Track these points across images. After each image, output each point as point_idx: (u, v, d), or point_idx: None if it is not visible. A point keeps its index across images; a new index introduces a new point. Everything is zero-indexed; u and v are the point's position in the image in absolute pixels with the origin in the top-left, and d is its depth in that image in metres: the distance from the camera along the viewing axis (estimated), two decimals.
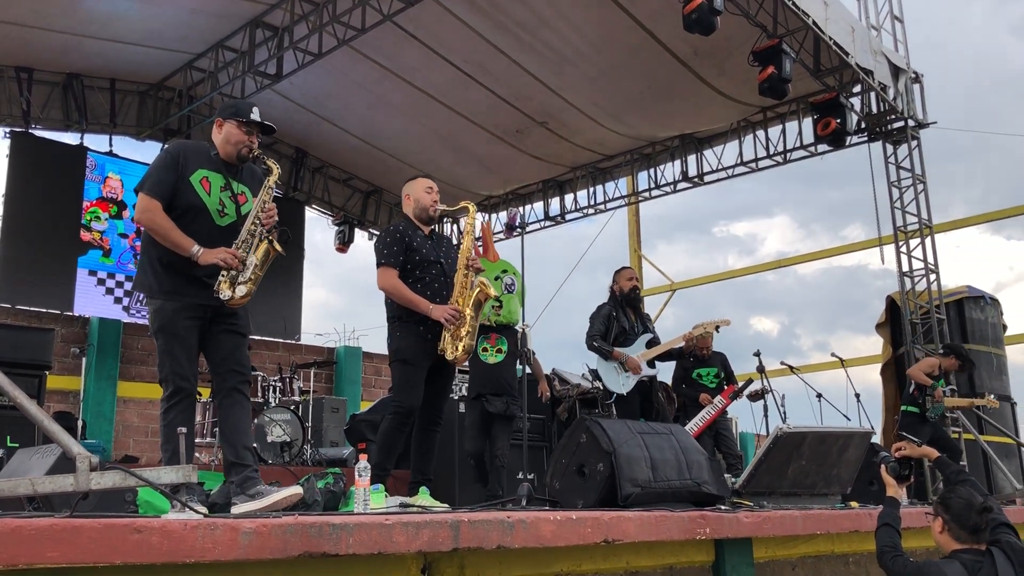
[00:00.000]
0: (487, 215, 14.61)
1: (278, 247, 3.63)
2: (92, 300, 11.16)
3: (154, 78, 11.50)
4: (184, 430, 2.66)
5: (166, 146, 3.97)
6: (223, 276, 3.54)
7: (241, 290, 3.56)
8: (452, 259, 4.81)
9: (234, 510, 2.61)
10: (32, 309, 10.75)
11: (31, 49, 10.37)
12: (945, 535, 3.43)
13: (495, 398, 6.01)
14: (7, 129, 11.01)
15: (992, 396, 8.36)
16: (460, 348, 4.49)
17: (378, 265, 4.66)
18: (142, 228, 3.72)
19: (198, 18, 9.93)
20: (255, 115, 3.78)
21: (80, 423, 8.60)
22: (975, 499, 3.42)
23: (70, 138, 11.62)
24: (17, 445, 4.96)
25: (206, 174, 3.70)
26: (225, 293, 3.53)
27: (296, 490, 3.42)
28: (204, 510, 2.39)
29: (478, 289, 4.54)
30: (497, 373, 6.06)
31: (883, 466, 4.05)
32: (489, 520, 3.03)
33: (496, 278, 6.29)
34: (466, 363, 5.26)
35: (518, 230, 6.78)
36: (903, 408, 7.84)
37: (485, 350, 6.02)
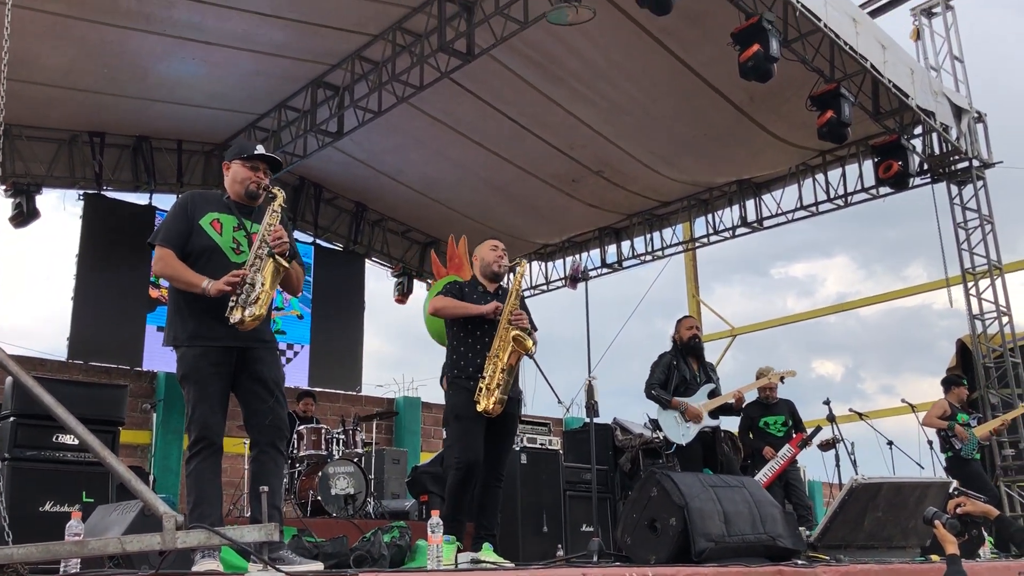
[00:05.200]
0: (544, 263, 14.68)
1: (283, 262, 3.58)
2: (160, 356, 11.42)
3: (219, 138, 11.86)
4: (266, 489, 2.68)
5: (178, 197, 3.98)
6: (232, 302, 3.51)
7: (251, 311, 3.49)
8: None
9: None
10: (103, 365, 11.05)
11: (104, 114, 10.79)
12: None
13: None
14: (81, 192, 11.43)
15: None
16: (492, 400, 4.56)
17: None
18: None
19: (262, 80, 10.25)
20: (259, 150, 3.81)
21: (151, 478, 8.74)
22: None
23: (139, 198, 12.02)
24: (92, 500, 5.05)
25: (216, 216, 3.72)
26: (235, 316, 3.49)
27: (317, 566, 3.37)
28: (289, 568, 2.40)
29: (511, 347, 4.61)
30: None
31: (937, 522, 3.88)
32: None
33: None
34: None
35: (580, 281, 6.82)
36: (945, 455, 7.72)
37: None
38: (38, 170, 11.01)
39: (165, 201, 12.19)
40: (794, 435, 7.77)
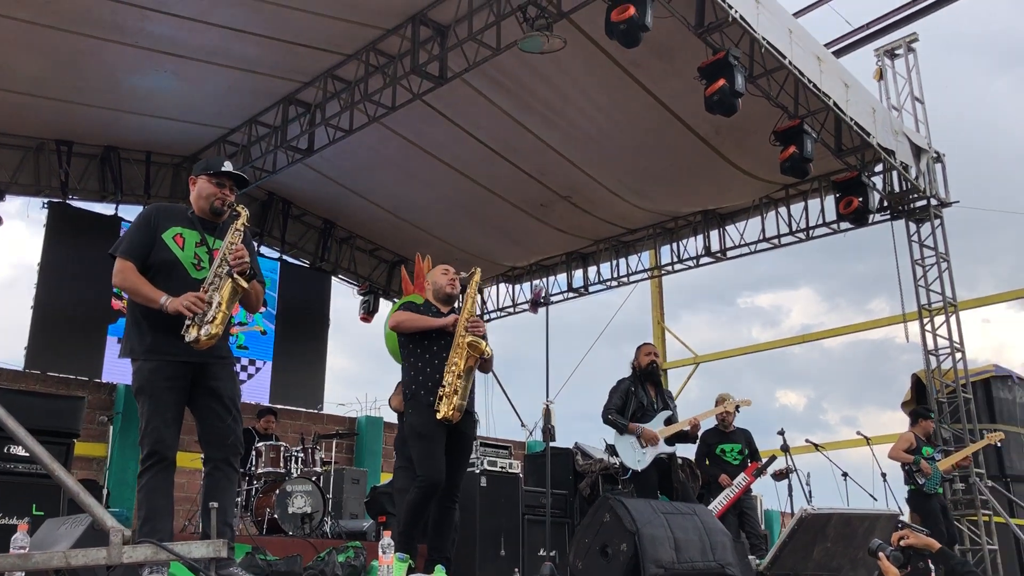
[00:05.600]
0: (511, 286, 14.75)
1: (242, 282, 3.60)
2: (121, 368, 11.30)
3: (188, 151, 11.82)
4: (215, 505, 2.69)
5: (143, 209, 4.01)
6: (189, 320, 3.52)
7: (207, 330, 3.51)
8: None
9: None
10: (61, 375, 10.91)
11: (72, 123, 10.73)
12: None
13: None
14: (45, 200, 11.32)
15: (994, 432, 8.35)
16: (451, 406, 4.60)
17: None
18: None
19: (233, 95, 10.25)
20: (227, 167, 3.83)
21: (105, 492, 8.62)
22: None
23: (105, 208, 11.91)
24: (43, 514, 5.00)
25: (180, 231, 3.74)
26: (191, 335, 3.51)
27: None
28: None
29: (466, 351, 4.67)
30: None
31: (881, 554, 3.97)
32: None
33: None
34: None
35: (541, 306, 6.88)
36: (907, 488, 7.81)
37: None
38: (2, 176, 10.90)
39: (131, 212, 12.09)
40: (749, 464, 7.86)
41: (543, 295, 8.95)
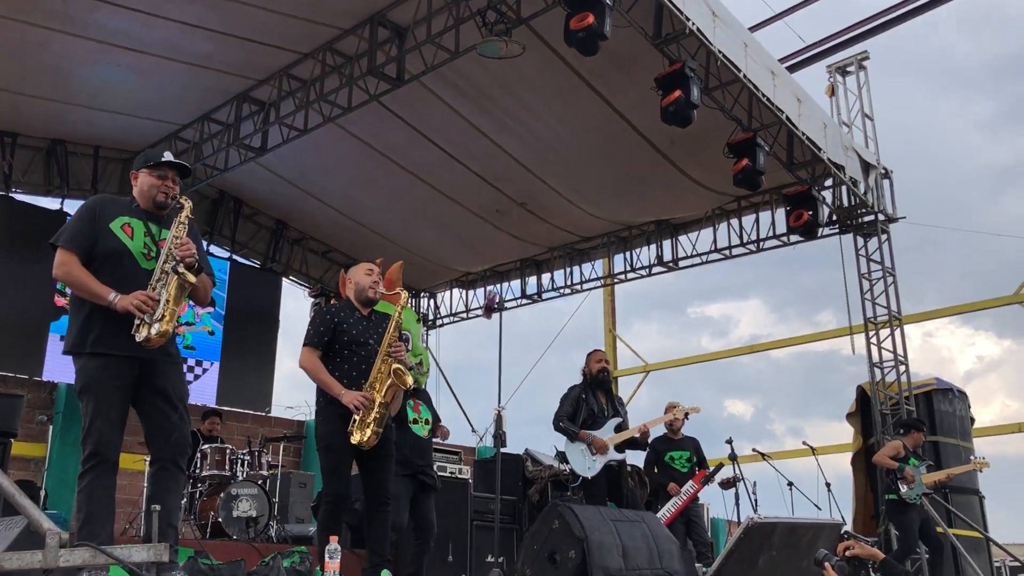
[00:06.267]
0: (465, 291, 14.73)
1: (190, 277, 3.54)
2: (62, 366, 11.03)
3: (138, 146, 11.56)
4: (158, 507, 2.62)
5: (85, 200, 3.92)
6: (139, 319, 3.46)
7: (156, 328, 3.45)
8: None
9: None
10: None
11: (18, 114, 10.44)
12: None
13: (431, 471, 5.87)
14: None
15: (982, 458, 8.47)
16: (366, 435, 4.41)
17: (303, 344, 4.70)
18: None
19: (186, 90, 10.07)
20: (167, 156, 3.74)
21: (42, 493, 8.40)
22: None
23: (50, 203, 11.61)
24: None
25: (128, 220, 3.65)
26: (141, 334, 3.44)
27: None
28: None
29: (390, 380, 4.51)
30: (427, 446, 5.92)
31: (827, 564, 4.02)
32: None
33: None
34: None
35: (495, 311, 6.86)
36: (886, 496, 7.85)
37: (415, 422, 5.78)
38: None
39: (77, 207, 11.80)
40: (697, 471, 7.93)
41: (497, 300, 8.91)
